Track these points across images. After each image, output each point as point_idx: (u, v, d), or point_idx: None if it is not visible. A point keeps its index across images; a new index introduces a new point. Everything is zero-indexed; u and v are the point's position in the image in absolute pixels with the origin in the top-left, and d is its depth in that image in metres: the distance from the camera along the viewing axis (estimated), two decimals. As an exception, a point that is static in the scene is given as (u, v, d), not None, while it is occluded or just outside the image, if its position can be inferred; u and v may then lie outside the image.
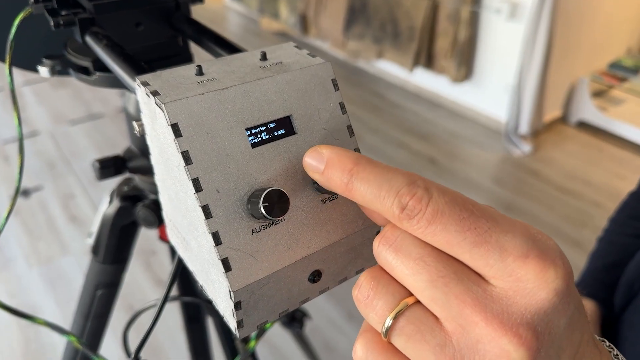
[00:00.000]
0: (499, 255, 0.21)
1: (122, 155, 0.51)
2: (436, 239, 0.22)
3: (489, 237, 0.21)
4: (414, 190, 0.22)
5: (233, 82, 0.28)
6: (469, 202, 0.22)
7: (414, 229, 0.22)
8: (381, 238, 0.24)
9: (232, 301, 0.27)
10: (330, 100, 0.31)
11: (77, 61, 0.44)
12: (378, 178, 0.23)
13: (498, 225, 0.21)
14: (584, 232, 1.98)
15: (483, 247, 0.21)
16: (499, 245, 0.21)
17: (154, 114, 0.28)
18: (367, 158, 0.24)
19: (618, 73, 2.75)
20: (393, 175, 0.23)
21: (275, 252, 0.28)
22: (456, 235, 0.21)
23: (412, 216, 0.22)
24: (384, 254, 0.23)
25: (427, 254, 0.22)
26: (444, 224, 0.21)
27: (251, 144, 0.28)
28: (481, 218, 0.22)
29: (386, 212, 0.23)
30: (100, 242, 0.56)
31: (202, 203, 0.26)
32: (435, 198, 0.22)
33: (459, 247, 0.21)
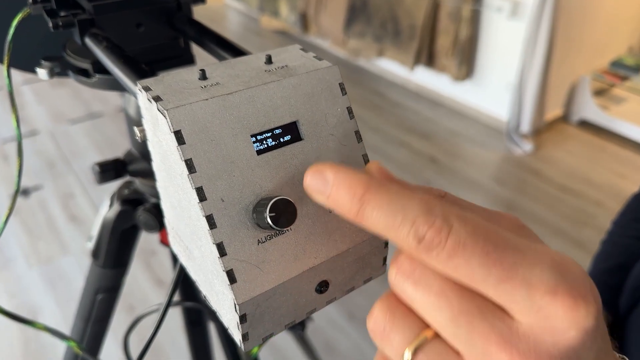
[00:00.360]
0: (526, 291, 0.19)
1: (122, 159, 0.50)
2: (458, 273, 0.20)
3: (515, 272, 0.20)
4: (431, 219, 0.20)
5: (238, 86, 0.27)
6: (492, 232, 0.21)
7: (433, 262, 0.21)
8: (397, 268, 0.22)
9: (237, 314, 0.26)
10: (338, 104, 0.30)
11: (76, 63, 0.43)
12: (391, 205, 0.21)
13: (524, 258, 0.20)
14: (585, 232, 1.97)
15: (509, 283, 0.20)
16: (526, 280, 0.19)
17: (156, 120, 0.27)
18: (378, 181, 0.23)
19: (620, 71, 2.74)
20: (408, 201, 0.21)
21: (282, 262, 0.27)
22: (480, 271, 0.20)
23: (431, 248, 0.20)
24: (401, 285, 0.22)
25: (449, 288, 0.21)
26: (467, 257, 0.20)
27: (256, 150, 0.27)
28: (506, 250, 0.20)
29: (402, 243, 0.21)
30: (100, 246, 0.55)
31: (206, 213, 0.25)
32: (456, 228, 0.20)
33: (483, 283, 0.20)
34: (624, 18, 2.69)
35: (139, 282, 1.69)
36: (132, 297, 1.63)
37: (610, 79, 2.71)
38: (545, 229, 1.98)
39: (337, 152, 0.29)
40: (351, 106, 0.30)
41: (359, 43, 3.02)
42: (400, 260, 0.22)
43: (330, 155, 0.29)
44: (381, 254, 0.31)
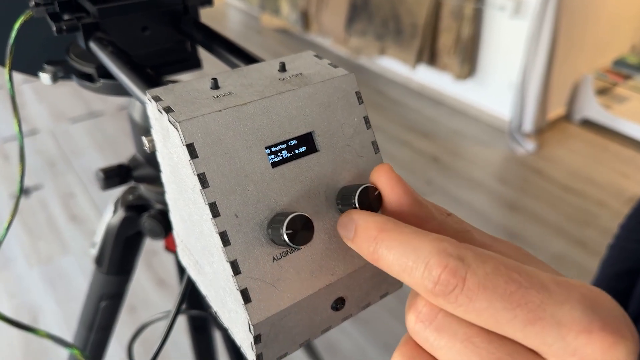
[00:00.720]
0: (557, 332, 0.18)
1: (126, 164, 0.49)
2: (481, 318, 0.19)
3: (542, 312, 0.18)
4: (444, 260, 0.19)
5: (252, 97, 0.26)
6: (513, 270, 0.19)
7: (452, 307, 0.19)
8: (417, 315, 0.21)
9: (251, 334, 0.25)
10: (354, 114, 0.29)
11: (80, 67, 0.42)
12: (403, 245, 0.20)
13: (551, 296, 0.19)
14: (587, 232, 1.97)
15: (537, 325, 0.18)
16: (555, 320, 0.18)
17: (167, 131, 0.26)
18: (395, 222, 0.22)
19: (622, 70, 2.73)
20: (420, 242, 0.20)
21: (298, 280, 0.26)
22: (504, 314, 0.18)
23: (448, 292, 0.19)
24: (423, 333, 0.20)
25: (476, 334, 0.19)
26: (489, 300, 0.18)
27: (271, 163, 0.26)
28: (531, 289, 0.19)
29: (417, 287, 0.20)
30: (104, 252, 0.54)
31: (220, 229, 0.24)
32: (474, 269, 0.19)
33: (509, 326, 0.18)
34: (626, 17, 2.68)
35: (140, 283, 1.68)
36: (133, 297, 1.62)
37: (613, 78, 2.70)
38: (547, 229, 1.97)
39: (353, 164, 0.28)
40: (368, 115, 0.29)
41: (360, 41, 3.00)
42: (419, 305, 0.21)
43: (347, 167, 0.28)
44: (398, 268, 0.30)
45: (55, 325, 1.55)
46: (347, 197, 0.26)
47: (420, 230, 0.21)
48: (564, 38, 2.34)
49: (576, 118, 2.63)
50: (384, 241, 0.21)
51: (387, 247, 0.21)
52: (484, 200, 2.12)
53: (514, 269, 0.19)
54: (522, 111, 2.44)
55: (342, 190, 0.27)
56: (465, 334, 0.19)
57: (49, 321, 1.57)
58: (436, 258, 0.19)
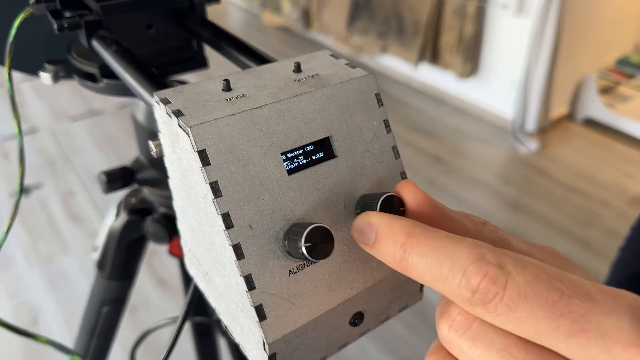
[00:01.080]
0: (603, 344, 0.17)
1: (129, 167, 0.47)
2: (522, 327, 0.18)
3: (587, 323, 0.17)
4: (484, 268, 0.18)
5: (266, 99, 0.25)
6: (555, 277, 0.18)
7: (490, 317, 0.18)
8: (450, 323, 0.19)
9: (266, 353, 0.23)
10: (374, 117, 0.27)
11: (82, 67, 0.40)
12: (437, 252, 0.19)
13: (596, 305, 0.17)
14: (591, 232, 1.95)
15: (582, 336, 0.17)
16: (601, 331, 0.17)
17: (176, 136, 0.24)
18: (423, 226, 0.20)
19: (625, 69, 2.71)
20: (455, 248, 0.19)
21: (315, 295, 0.24)
22: (546, 324, 0.17)
23: (487, 301, 0.18)
24: (457, 342, 0.19)
25: (513, 344, 0.18)
26: (530, 309, 0.17)
27: (287, 170, 0.24)
28: (574, 298, 0.17)
29: (453, 295, 0.19)
30: (106, 257, 0.53)
31: (234, 242, 0.23)
32: (514, 277, 0.18)
33: (551, 337, 0.17)
34: (629, 15, 2.66)
35: (141, 283, 1.66)
36: (134, 298, 1.60)
37: (616, 77, 2.68)
38: (550, 229, 1.96)
39: (373, 171, 0.26)
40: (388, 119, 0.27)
41: (362, 40, 2.98)
42: (453, 313, 0.19)
43: (366, 174, 0.26)
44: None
45: (56, 325, 1.54)
46: (368, 206, 0.24)
47: (453, 235, 0.20)
48: (567, 37, 2.32)
49: (579, 117, 2.61)
50: (414, 247, 0.20)
51: (418, 254, 0.20)
52: (487, 200, 2.10)
53: (556, 276, 0.18)
54: (525, 110, 2.42)
55: (362, 198, 0.25)
56: (502, 344, 0.18)
57: (50, 321, 1.56)
58: (474, 265, 0.18)
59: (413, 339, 1.52)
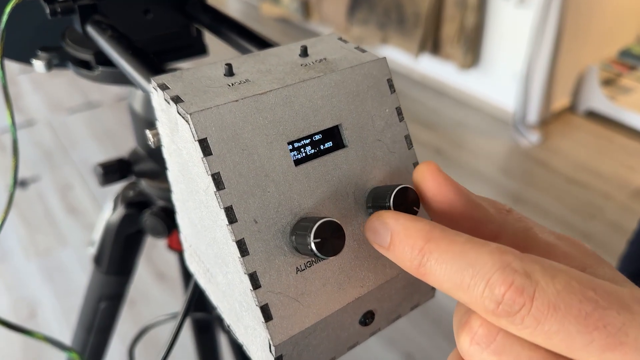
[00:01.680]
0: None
1: (126, 158, 0.46)
2: (552, 342, 0.16)
3: (624, 337, 0.16)
4: (510, 277, 0.17)
5: (272, 85, 0.23)
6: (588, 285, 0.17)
7: (516, 329, 0.17)
8: (472, 336, 0.18)
9: (272, 355, 0.22)
10: (386, 104, 0.25)
11: (76, 54, 0.39)
12: (458, 259, 0.18)
13: (634, 318, 0.16)
14: (592, 224, 1.94)
15: (618, 351, 0.16)
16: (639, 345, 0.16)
17: (175, 124, 0.22)
18: (443, 229, 0.19)
19: (628, 61, 2.69)
20: (478, 254, 0.17)
21: (324, 293, 0.23)
22: (579, 338, 0.16)
23: (513, 313, 0.16)
24: (478, 356, 0.18)
25: (542, 358, 0.17)
26: (561, 322, 0.16)
27: (294, 160, 0.23)
28: (610, 309, 0.16)
29: (475, 306, 0.17)
30: (103, 251, 0.51)
31: (237, 237, 0.21)
32: (543, 287, 0.16)
33: (584, 352, 0.16)
34: (632, 6, 2.64)
35: (140, 276, 1.65)
36: (133, 291, 1.59)
37: (618, 69, 2.66)
38: (552, 221, 1.94)
39: (385, 162, 0.25)
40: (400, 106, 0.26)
41: (362, 30, 2.96)
42: (474, 324, 0.18)
43: (378, 165, 0.25)
44: (431, 276, 0.27)
45: (54, 319, 1.53)
46: (380, 199, 0.23)
47: (475, 239, 0.18)
48: (569, 28, 2.30)
49: (581, 109, 2.60)
50: (433, 253, 0.18)
51: (438, 261, 0.18)
52: (488, 193, 2.09)
53: (588, 285, 0.17)
54: (526, 102, 2.41)
55: (374, 191, 0.24)
56: (529, 358, 0.17)
57: (48, 315, 1.54)
58: (499, 274, 0.17)
59: (414, 333, 1.51)
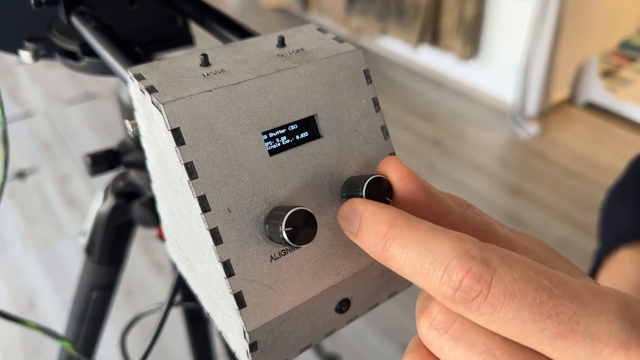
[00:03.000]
0: (591, 347, 0.16)
1: (115, 149, 0.46)
2: (506, 328, 0.17)
3: (575, 325, 0.16)
4: (467, 263, 0.17)
5: (246, 75, 0.23)
6: (544, 276, 0.17)
7: (473, 316, 0.17)
8: (431, 321, 0.18)
9: (246, 342, 0.22)
10: (362, 95, 0.26)
11: (63, 45, 0.39)
12: (418, 245, 0.18)
13: (585, 307, 0.17)
14: (591, 216, 1.94)
15: (569, 338, 0.16)
16: (589, 334, 0.16)
17: (151, 114, 0.23)
18: (407, 217, 0.19)
19: (628, 53, 2.68)
20: (438, 241, 0.18)
21: (298, 281, 0.23)
22: (533, 325, 0.16)
23: (470, 300, 0.17)
24: (437, 342, 0.18)
25: (497, 345, 0.17)
26: (516, 310, 0.16)
27: (269, 150, 0.23)
28: (563, 298, 0.17)
29: (434, 291, 0.18)
30: (94, 241, 0.52)
31: (211, 226, 0.21)
32: (500, 274, 0.17)
33: (537, 339, 0.17)
34: (632, -3, 2.62)
35: (137, 267, 1.66)
36: (131, 283, 1.60)
37: (617, 60, 2.65)
38: (550, 213, 1.95)
39: (360, 152, 0.25)
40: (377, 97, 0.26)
41: (361, 21, 2.95)
42: (433, 310, 0.18)
43: (353, 155, 0.25)
44: (408, 265, 0.28)
45: (53, 309, 1.54)
46: (354, 188, 0.23)
47: (437, 227, 0.19)
48: (569, 19, 2.29)
49: (580, 101, 2.59)
50: (396, 239, 0.19)
51: (399, 246, 0.19)
52: (486, 185, 2.09)
53: (544, 275, 0.17)
54: (525, 94, 2.40)
55: (348, 181, 0.24)
56: (484, 345, 0.18)
57: (47, 306, 1.55)
58: (457, 261, 0.17)
59: (410, 323, 1.52)
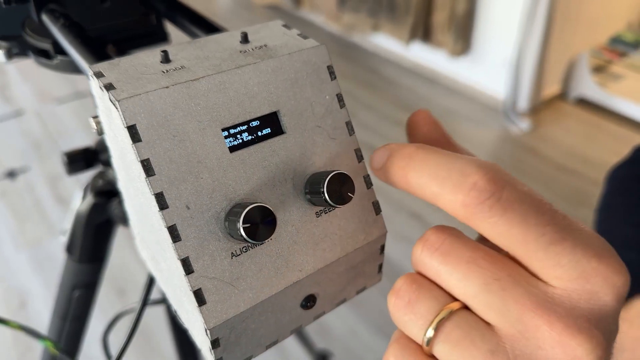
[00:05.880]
0: (573, 254, 0.19)
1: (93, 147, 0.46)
2: (510, 231, 0.19)
3: (567, 234, 0.19)
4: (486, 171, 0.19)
5: (206, 71, 0.23)
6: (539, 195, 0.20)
7: (483, 217, 0.19)
8: (424, 242, 0.21)
9: (208, 338, 0.22)
10: (326, 91, 0.26)
11: (35, 43, 0.39)
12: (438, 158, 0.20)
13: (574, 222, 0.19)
14: (582, 211, 1.95)
15: (560, 245, 0.19)
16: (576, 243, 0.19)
17: (110, 111, 0.23)
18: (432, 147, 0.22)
19: (618, 48, 2.69)
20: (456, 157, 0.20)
21: (260, 278, 0.23)
22: (535, 230, 0.19)
23: (483, 200, 0.19)
24: (428, 260, 0.21)
25: (480, 257, 0.20)
26: (524, 214, 0.19)
27: (229, 147, 0.23)
28: (559, 212, 0.19)
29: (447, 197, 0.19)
30: (74, 240, 0.52)
31: (169, 223, 0.21)
32: (512, 184, 0.19)
33: (535, 244, 0.19)
34: (623, -8, 2.63)
35: (128, 265, 1.66)
36: (122, 280, 1.60)
37: (608, 56, 2.66)
38: (542, 209, 1.95)
39: (325, 148, 0.25)
40: (341, 93, 0.26)
41: (353, 18, 2.94)
42: (427, 234, 0.21)
43: (317, 152, 0.25)
44: (376, 261, 0.28)
45: (45, 309, 1.53)
46: (316, 184, 0.23)
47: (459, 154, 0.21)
48: (560, 14, 2.29)
49: (571, 96, 2.60)
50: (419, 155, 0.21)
51: (421, 160, 0.21)
52: (478, 180, 2.09)
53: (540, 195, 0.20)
54: (516, 89, 2.41)
55: (312, 177, 0.24)
56: (470, 257, 0.20)
57: (38, 305, 1.55)
58: (474, 167, 0.19)
59: (402, 319, 1.52)
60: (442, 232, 0.21)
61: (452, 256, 0.20)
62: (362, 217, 0.26)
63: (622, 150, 2.34)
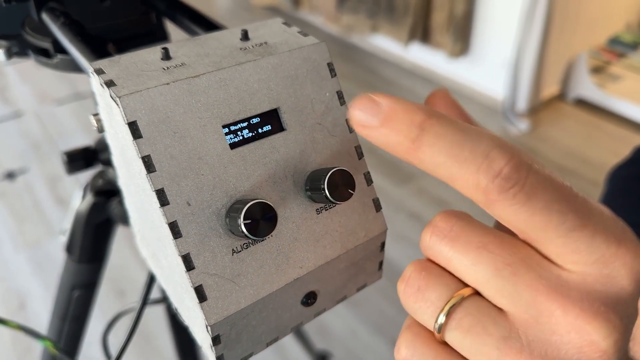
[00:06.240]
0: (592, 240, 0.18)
1: (93, 147, 0.46)
2: (532, 218, 0.18)
3: (588, 220, 0.18)
4: (508, 154, 0.18)
5: (206, 68, 0.23)
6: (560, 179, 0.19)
7: (507, 204, 0.18)
8: (433, 228, 0.20)
9: (209, 335, 0.22)
10: (326, 88, 0.26)
11: (35, 42, 0.39)
12: (458, 135, 0.18)
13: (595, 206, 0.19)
14: (581, 212, 1.95)
15: (580, 231, 0.18)
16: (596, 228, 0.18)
17: (110, 108, 0.23)
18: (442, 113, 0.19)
19: (617, 49, 2.69)
20: (478, 134, 0.18)
21: (261, 274, 0.23)
22: (557, 217, 0.18)
23: (507, 188, 0.17)
24: (437, 246, 0.20)
25: (490, 242, 0.19)
26: (547, 201, 0.18)
27: (230, 144, 0.23)
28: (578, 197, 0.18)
29: (467, 180, 0.18)
30: (74, 240, 0.52)
31: (170, 219, 0.21)
32: (535, 169, 0.18)
33: (556, 231, 0.18)
34: (621, -7, 2.63)
35: (128, 267, 1.66)
36: (122, 282, 1.60)
37: (607, 57, 2.66)
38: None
39: (325, 145, 0.25)
40: (342, 90, 0.26)
41: (352, 19, 2.95)
42: (436, 220, 0.20)
43: (317, 149, 0.25)
44: (377, 258, 0.28)
45: (44, 309, 1.53)
46: (316, 181, 0.23)
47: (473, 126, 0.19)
48: (559, 15, 2.29)
49: (570, 97, 2.60)
50: (434, 126, 0.18)
51: (437, 134, 0.18)
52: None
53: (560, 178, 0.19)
54: (515, 90, 2.41)
55: (312, 174, 0.24)
56: (480, 242, 0.19)
57: (38, 306, 1.55)
58: (499, 150, 0.18)
59: (401, 319, 1.52)
60: (451, 217, 0.20)
61: (462, 241, 0.19)
62: (363, 214, 0.26)
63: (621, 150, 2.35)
